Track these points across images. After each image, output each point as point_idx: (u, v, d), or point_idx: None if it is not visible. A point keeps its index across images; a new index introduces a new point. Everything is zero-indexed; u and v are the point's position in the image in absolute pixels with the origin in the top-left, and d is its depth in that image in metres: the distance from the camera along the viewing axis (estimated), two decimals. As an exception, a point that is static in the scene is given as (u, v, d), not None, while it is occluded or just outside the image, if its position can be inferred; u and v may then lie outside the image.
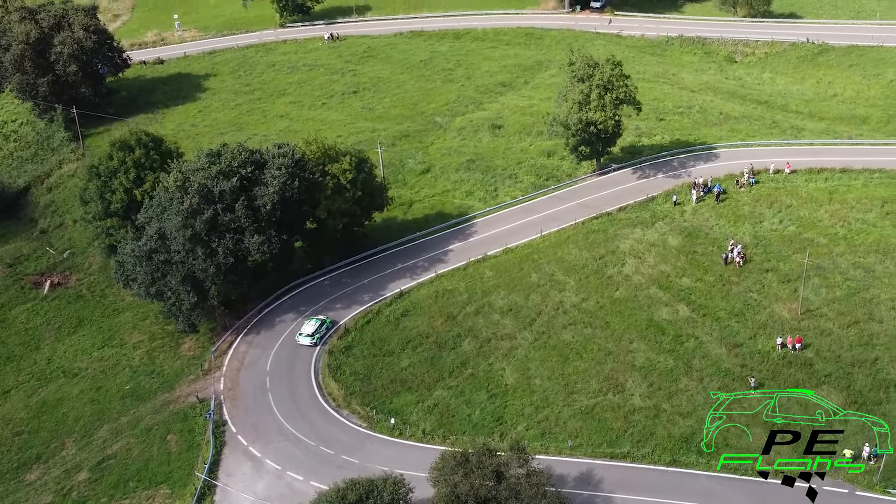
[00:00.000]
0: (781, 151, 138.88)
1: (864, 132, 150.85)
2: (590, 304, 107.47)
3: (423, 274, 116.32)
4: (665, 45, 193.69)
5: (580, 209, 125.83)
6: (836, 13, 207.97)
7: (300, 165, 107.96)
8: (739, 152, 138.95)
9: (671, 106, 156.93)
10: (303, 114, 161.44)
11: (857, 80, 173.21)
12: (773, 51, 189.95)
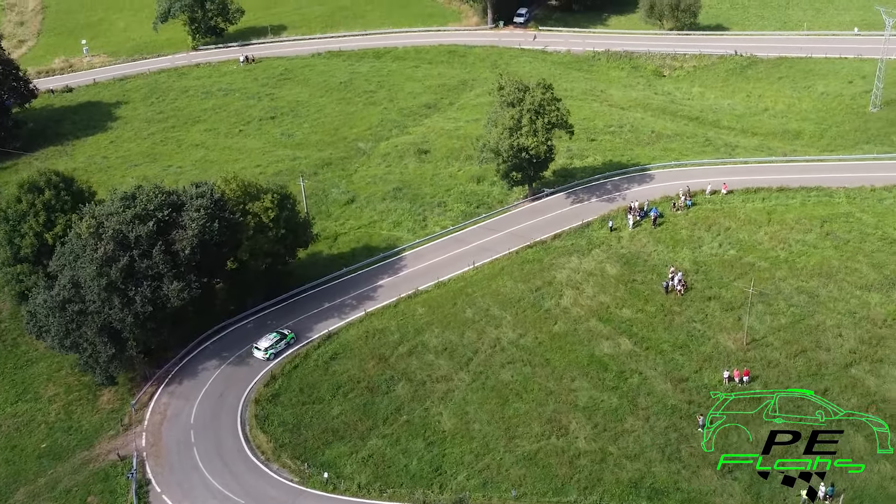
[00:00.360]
0: (717, 171, 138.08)
1: (798, 148, 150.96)
2: (528, 341, 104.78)
3: (352, 313, 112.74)
4: (592, 61, 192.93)
5: (514, 238, 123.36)
6: (764, 24, 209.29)
7: (220, 206, 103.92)
8: (674, 173, 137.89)
9: (602, 125, 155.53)
10: (219, 142, 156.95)
11: (788, 94, 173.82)
12: (702, 64, 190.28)
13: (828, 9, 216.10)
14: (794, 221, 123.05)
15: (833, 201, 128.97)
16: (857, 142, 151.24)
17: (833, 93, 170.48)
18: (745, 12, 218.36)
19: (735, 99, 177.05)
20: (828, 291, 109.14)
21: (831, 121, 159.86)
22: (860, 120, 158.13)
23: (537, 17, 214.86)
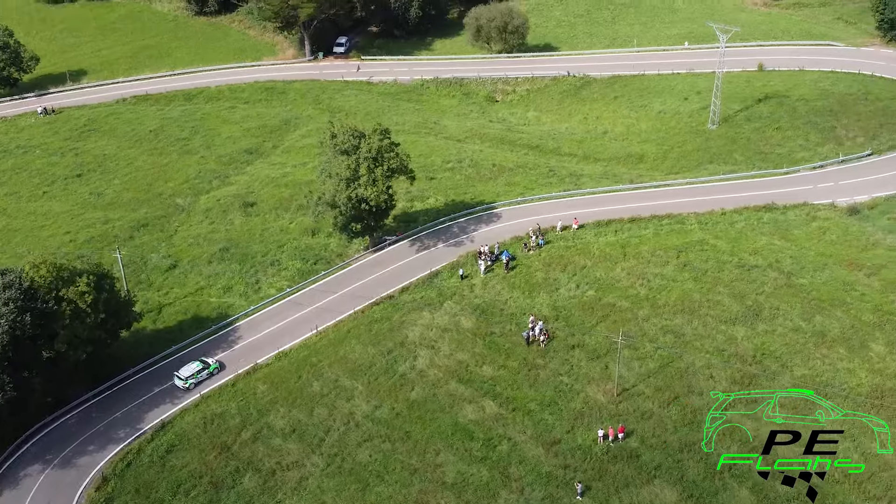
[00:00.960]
0: (565, 204, 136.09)
1: (644, 172, 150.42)
2: (384, 412, 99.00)
3: (186, 396, 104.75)
4: (421, 90, 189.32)
5: (358, 296, 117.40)
6: (593, 42, 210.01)
7: (30, 295, 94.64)
8: (522, 209, 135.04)
9: (440, 161, 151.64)
10: (22, 207, 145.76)
11: (625, 114, 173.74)
12: (535, 87, 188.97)
13: (654, 23, 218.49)
14: (649, 254, 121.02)
15: (686, 229, 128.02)
16: (700, 162, 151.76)
17: (670, 111, 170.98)
18: (573, 30, 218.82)
19: (572, 122, 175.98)
20: (693, 328, 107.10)
21: (672, 141, 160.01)
22: (701, 139, 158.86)
23: (358, 45, 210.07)
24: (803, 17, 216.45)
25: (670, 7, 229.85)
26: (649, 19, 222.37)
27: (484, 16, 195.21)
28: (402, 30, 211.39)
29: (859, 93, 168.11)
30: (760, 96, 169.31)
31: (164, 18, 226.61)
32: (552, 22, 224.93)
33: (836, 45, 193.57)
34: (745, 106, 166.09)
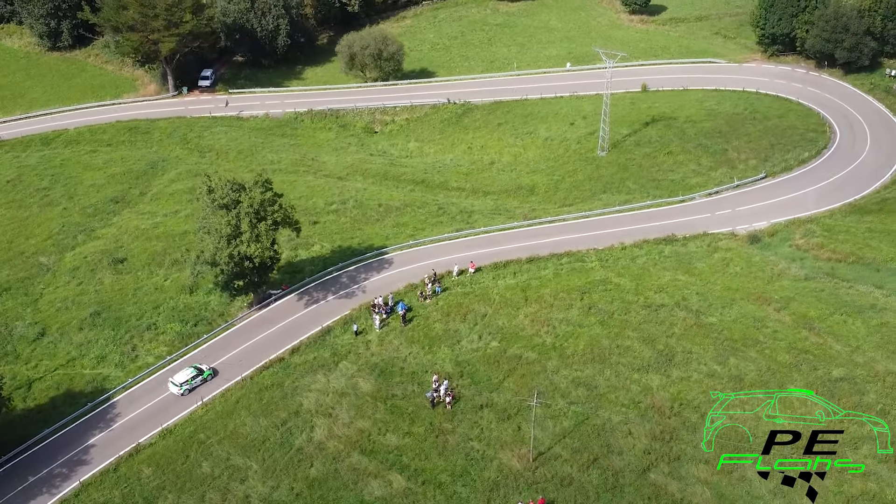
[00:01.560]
0: (459, 245, 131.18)
1: (536, 205, 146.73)
2: (282, 494, 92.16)
3: (64, 484, 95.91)
4: (295, 123, 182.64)
5: (243, 360, 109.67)
6: (470, 66, 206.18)
7: None
8: (414, 254, 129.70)
9: (322, 203, 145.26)
10: None
11: (511, 142, 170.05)
12: (414, 116, 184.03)
13: (531, 44, 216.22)
14: (552, 297, 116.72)
15: (586, 267, 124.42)
16: (594, 192, 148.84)
17: (557, 137, 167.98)
18: (449, 53, 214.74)
19: (457, 152, 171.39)
20: (605, 379, 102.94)
21: (563, 170, 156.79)
22: (591, 166, 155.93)
23: (225, 77, 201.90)
24: (681, 33, 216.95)
25: (546, 26, 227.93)
26: (526, 40, 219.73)
27: (357, 43, 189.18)
28: (270, 59, 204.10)
29: (746, 112, 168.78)
30: (647, 119, 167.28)
31: (15, 56, 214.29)
32: (426, 45, 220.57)
33: (718, 62, 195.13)
34: (633, 130, 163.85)
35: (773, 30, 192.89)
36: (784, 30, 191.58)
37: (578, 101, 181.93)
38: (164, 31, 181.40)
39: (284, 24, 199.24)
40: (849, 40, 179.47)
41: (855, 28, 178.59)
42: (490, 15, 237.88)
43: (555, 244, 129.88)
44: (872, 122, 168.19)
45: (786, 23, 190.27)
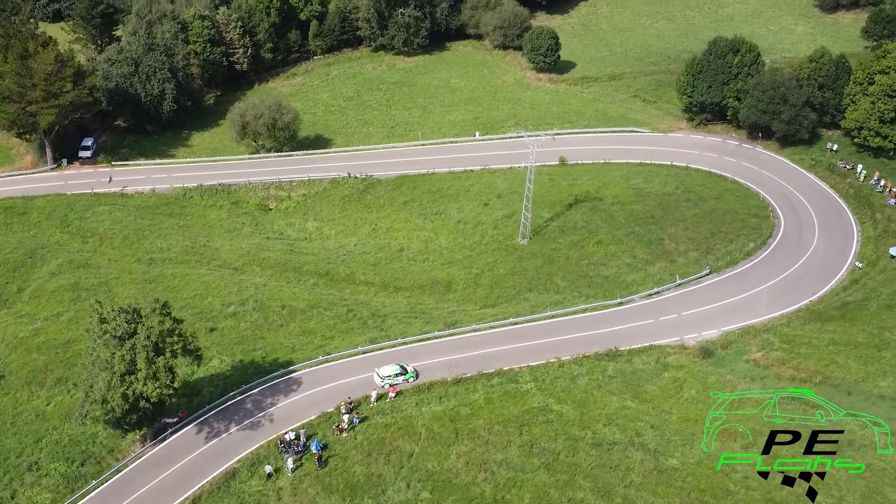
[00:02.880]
0: (375, 360, 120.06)
1: (455, 306, 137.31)
2: None
3: None
4: (184, 201, 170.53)
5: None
6: (369, 131, 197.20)
7: None
8: (326, 371, 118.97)
9: (219, 305, 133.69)
10: None
11: (420, 224, 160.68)
12: (312, 191, 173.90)
13: (433, 106, 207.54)
14: (486, 431, 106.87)
15: (521, 390, 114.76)
16: (519, 290, 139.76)
17: (471, 220, 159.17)
18: (345, 116, 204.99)
19: (361, 235, 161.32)
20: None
21: (481, 262, 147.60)
22: (513, 258, 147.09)
23: (107, 146, 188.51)
24: (595, 95, 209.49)
25: (447, 85, 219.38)
26: (427, 101, 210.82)
27: (250, 112, 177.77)
28: (155, 125, 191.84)
29: (679, 192, 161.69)
30: (570, 199, 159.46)
31: None
32: (320, 107, 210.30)
33: (641, 132, 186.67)
34: (555, 213, 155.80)
35: (702, 98, 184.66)
36: (714, 98, 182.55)
37: (491, 177, 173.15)
38: (42, 102, 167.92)
39: (170, 89, 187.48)
40: (787, 112, 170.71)
41: (794, 99, 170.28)
42: (386, 72, 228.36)
43: (482, 359, 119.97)
44: (818, 206, 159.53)
45: (716, 91, 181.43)
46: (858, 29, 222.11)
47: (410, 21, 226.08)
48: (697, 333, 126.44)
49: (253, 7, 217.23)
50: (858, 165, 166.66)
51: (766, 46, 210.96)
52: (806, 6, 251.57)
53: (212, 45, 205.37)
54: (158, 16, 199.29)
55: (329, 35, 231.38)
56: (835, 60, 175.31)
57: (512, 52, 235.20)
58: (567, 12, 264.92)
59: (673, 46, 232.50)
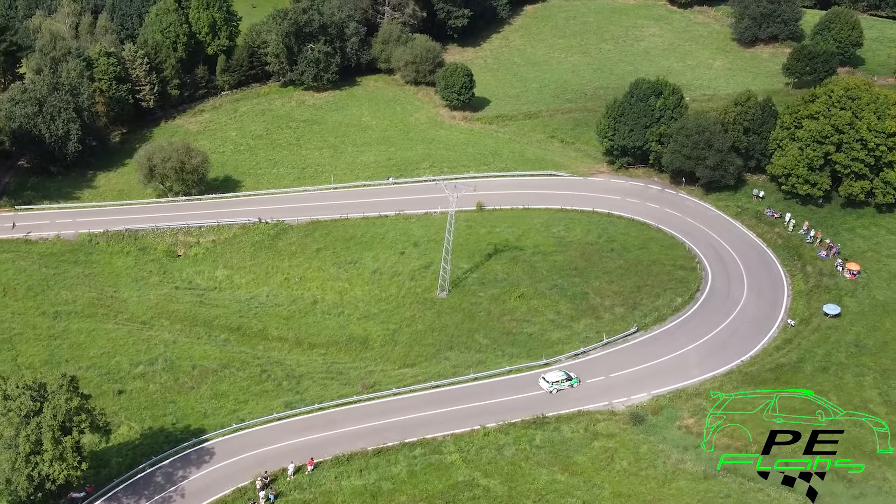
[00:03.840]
0: (291, 427, 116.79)
1: (373, 365, 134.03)
2: None
3: None
4: (90, 247, 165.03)
5: None
6: (280, 173, 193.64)
7: None
8: (240, 440, 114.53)
9: (127, 364, 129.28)
10: None
11: (334, 273, 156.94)
12: (222, 237, 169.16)
13: (345, 146, 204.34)
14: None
15: (445, 462, 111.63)
16: (439, 348, 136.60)
17: (387, 270, 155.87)
18: (254, 156, 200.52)
19: (273, 284, 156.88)
20: None
21: (399, 317, 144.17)
22: (431, 312, 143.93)
23: (10, 188, 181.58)
24: (511, 135, 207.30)
25: (359, 123, 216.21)
26: (338, 140, 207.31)
27: (157, 155, 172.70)
28: (59, 165, 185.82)
29: (602, 241, 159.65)
30: (489, 249, 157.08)
31: None
32: (229, 146, 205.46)
33: (560, 175, 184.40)
34: (474, 263, 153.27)
35: (624, 141, 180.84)
36: (636, 142, 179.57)
37: (406, 223, 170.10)
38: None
39: (75, 129, 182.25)
40: (712, 157, 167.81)
41: (719, 144, 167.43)
42: (296, 108, 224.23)
43: (404, 426, 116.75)
44: (746, 257, 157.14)
45: (638, 134, 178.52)
46: (778, 64, 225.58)
47: (320, 56, 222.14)
48: (627, 397, 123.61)
49: (159, 42, 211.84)
50: (787, 214, 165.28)
51: (684, 83, 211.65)
52: (723, 40, 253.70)
53: (118, 83, 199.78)
54: (63, 52, 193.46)
55: (237, 70, 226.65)
56: (761, 104, 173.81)
57: (424, 87, 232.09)
58: (479, 45, 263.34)
59: (589, 82, 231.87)
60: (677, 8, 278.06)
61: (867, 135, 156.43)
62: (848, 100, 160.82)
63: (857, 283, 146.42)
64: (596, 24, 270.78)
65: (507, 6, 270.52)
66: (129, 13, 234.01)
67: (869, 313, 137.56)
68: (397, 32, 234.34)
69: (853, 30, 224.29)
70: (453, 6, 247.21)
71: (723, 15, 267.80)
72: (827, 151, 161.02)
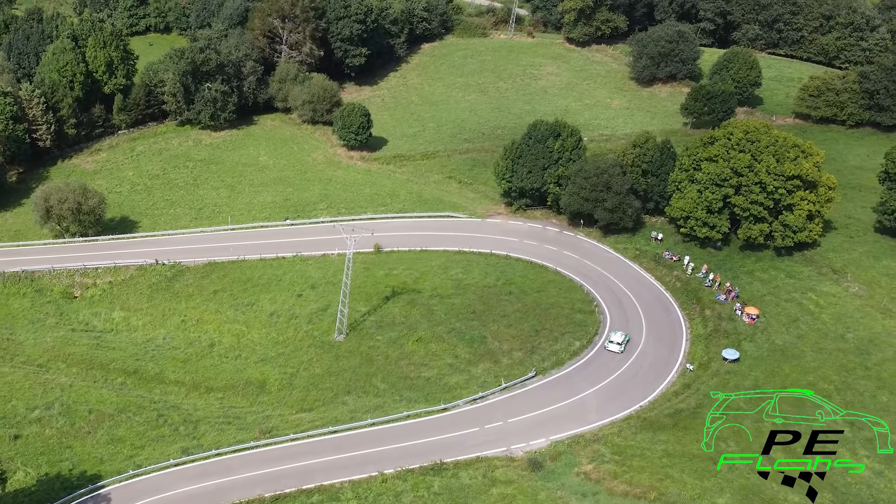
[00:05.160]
0: (188, 473, 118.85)
1: (270, 409, 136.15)
2: None
3: None
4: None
5: None
6: (177, 214, 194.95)
7: None
8: (136, 487, 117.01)
9: (23, 408, 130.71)
10: None
11: (231, 315, 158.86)
12: (119, 278, 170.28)
13: (242, 186, 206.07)
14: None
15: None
16: (336, 392, 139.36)
17: (284, 313, 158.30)
18: (151, 196, 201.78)
19: (169, 327, 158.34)
20: None
21: (296, 360, 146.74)
22: (329, 356, 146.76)
23: None
24: (408, 175, 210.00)
25: (256, 163, 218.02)
26: (235, 181, 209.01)
27: (54, 196, 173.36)
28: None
29: (500, 283, 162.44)
30: (387, 291, 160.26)
31: None
32: (126, 186, 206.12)
33: (458, 217, 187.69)
34: (372, 307, 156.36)
35: (522, 183, 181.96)
36: (534, 184, 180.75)
37: (303, 265, 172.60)
38: None
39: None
40: (610, 200, 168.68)
41: (617, 187, 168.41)
42: (193, 148, 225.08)
43: (301, 472, 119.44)
44: (644, 300, 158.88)
45: (536, 176, 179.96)
46: (676, 103, 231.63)
47: (217, 95, 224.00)
48: (525, 443, 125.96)
49: (56, 82, 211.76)
50: (685, 257, 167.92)
51: (582, 122, 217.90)
52: (621, 79, 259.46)
53: (14, 122, 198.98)
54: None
55: (134, 109, 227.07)
56: (659, 145, 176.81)
57: (322, 127, 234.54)
58: (376, 83, 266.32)
59: (486, 121, 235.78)
60: (575, 47, 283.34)
61: (766, 178, 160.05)
62: (747, 142, 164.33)
63: (756, 328, 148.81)
64: (493, 63, 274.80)
65: (404, 45, 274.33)
66: (26, 52, 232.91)
67: (768, 358, 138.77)
68: (294, 71, 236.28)
69: (751, 69, 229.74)
70: (350, 45, 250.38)
71: (621, 54, 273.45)
72: (726, 194, 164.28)
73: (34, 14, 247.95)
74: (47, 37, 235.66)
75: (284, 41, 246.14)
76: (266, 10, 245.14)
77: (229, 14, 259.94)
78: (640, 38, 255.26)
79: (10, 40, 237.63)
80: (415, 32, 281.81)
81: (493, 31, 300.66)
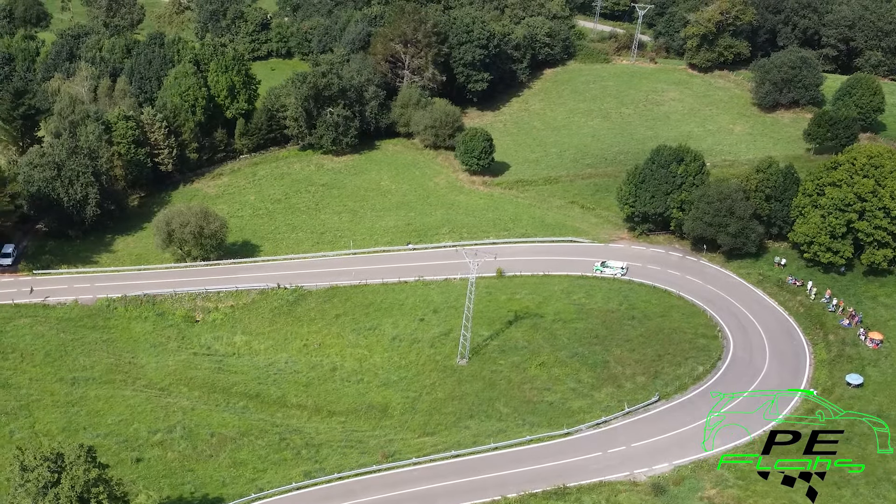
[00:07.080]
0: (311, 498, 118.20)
1: (392, 433, 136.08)
2: None
3: None
4: (108, 312, 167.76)
5: None
6: (299, 238, 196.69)
7: None
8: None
9: (145, 431, 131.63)
10: None
11: (353, 340, 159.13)
12: (240, 302, 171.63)
13: (364, 210, 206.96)
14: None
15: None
16: (459, 417, 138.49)
17: (407, 337, 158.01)
18: (273, 221, 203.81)
19: (291, 350, 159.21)
20: None
21: (418, 384, 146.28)
22: (452, 380, 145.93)
23: (28, 253, 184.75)
24: (531, 200, 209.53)
25: (378, 188, 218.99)
26: (357, 205, 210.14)
27: (176, 220, 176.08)
28: (77, 229, 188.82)
29: (622, 308, 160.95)
30: (510, 316, 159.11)
31: None
32: (248, 210, 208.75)
33: (581, 242, 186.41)
34: (495, 331, 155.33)
35: (645, 208, 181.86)
36: (657, 209, 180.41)
37: (426, 289, 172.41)
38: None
39: (94, 193, 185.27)
40: (734, 225, 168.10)
41: (741, 212, 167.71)
42: (315, 172, 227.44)
43: (424, 497, 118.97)
44: (768, 325, 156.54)
45: (659, 201, 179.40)
46: (799, 129, 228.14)
47: (339, 120, 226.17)
48: (648, 468, 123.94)
49: (178, 106, 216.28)
50: (809, 282, 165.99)
51: (704, 147, 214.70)
52: (744, 104, 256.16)
53: (136, 146, 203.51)
54: (81, 116, 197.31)
55: (256, 133, 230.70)
56: (783, 171, 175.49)
57: (444, 151, 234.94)
58: (498, 109, 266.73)
59: (609, 147, 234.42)
60: (697, 72, 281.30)
61: (890, 203, 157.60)
62: (871, 167, 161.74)
63: (880, 353, 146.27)
64: (615, 88, 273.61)
65: (526, 70, 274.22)
66: (148, 76, 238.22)
67: (892, 383, 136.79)
68: (416, 96, 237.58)
69: (875, 95, 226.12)
70: (473, 70, 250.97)
71: (743, 79, 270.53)
72: (849, 219, 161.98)
73: (156, 38, 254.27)
74: (169, 61, 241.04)
75: (407, 66, 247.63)
76: (388, 35, 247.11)
77: (351, 39, 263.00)
78: (762, 64, 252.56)
79: (132, 65, 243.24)
80: (537, 58, 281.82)
81: (615, 57, 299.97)
